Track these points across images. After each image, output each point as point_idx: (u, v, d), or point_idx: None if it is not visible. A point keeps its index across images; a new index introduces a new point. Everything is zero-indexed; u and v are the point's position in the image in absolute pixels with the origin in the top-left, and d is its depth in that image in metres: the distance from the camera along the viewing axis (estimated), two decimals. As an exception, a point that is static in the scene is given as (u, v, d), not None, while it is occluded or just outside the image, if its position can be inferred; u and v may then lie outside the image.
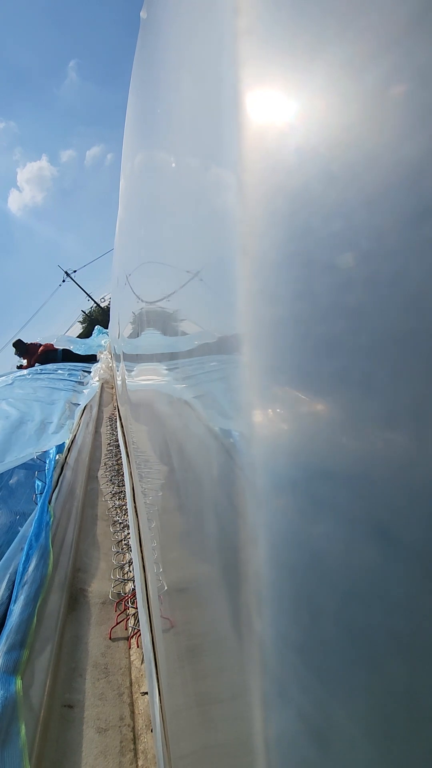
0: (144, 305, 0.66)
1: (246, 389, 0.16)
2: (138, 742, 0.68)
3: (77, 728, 0.69)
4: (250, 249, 0.16)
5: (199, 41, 0.25)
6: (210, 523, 0.25)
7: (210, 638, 0.27)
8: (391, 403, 0.11)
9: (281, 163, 0.15)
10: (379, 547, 0.12)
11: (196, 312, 0.29)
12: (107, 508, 1.51)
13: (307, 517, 0.14)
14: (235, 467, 0.19)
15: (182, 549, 0.38)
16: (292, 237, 0.14)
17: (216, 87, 0.20)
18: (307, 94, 0.14)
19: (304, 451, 0.14)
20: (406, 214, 0.11)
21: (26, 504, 1.24)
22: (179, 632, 0.40)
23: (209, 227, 0.23)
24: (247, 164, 0.16)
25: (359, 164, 0.12)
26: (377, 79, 0.11)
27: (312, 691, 0.13)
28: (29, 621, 0.76)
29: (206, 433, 0.26)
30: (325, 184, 0.13)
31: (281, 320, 0.15)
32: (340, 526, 0.13)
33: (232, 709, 0.21)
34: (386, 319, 0.11)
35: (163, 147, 0.43)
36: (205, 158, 0.24)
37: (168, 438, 0.45)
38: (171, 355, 0.42)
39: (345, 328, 0.12)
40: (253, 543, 0.16)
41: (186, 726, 0.36)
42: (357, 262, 0.12)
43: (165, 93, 0.42)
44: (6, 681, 0.64)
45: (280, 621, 0.15)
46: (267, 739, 0.15)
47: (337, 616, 0.13)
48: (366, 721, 0.12)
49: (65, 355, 5.39)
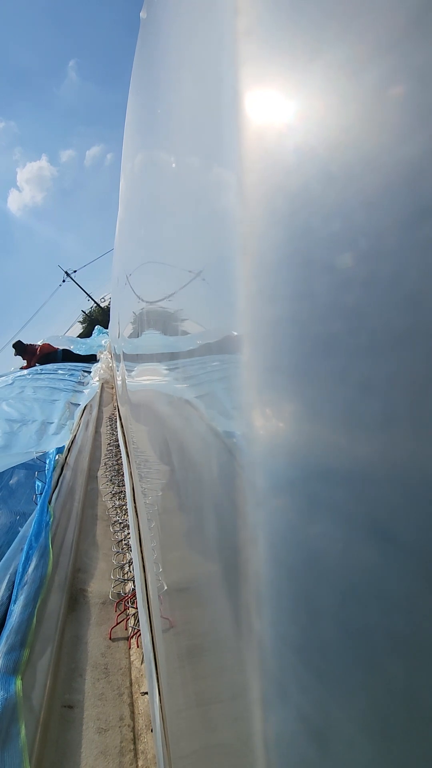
0: (144, 305, 0.66)
1: (246, 389, 0.16)
2: (138, 742, 0.68)
3: (77, 728, 0.69)
4: (250, 249, 0.16)
5: (199, 42, 0.25)
6: (210, 523, 0.25)
7: (210, 638, 0.27)
8: (390, 403, 0.11)
9: (281, 163, 0.15)
10: (378, 547, 0.12)
11: (196, 312, 0.29)
12: (107, 508, 1.51)
13: (307, 517, 0.14)
14: (234, 467, 0.19)
15: (182, 549, 0.38)
16: (292, 237, 0.14)
17: (216, 87, 0.21)
18: (306, 94, 0.14)
19: (303, 450, 0.14)
20: (406, 214, 0.11)
21: (26, 504, 1.24)
22: (179, 632, 0.40)
23: (209, 227, 0.23)
24: (247, 164, 0.17)
25: (359, 164, 0.12)
26: (377, 79, 0.11)
27: (311, 691, 0.13)
28: (29, 621, 0.76)
29: (206, 433, 0.26)
30: (325, 184, 0.13)
31: (281, 320, 0.15)
32: (340, 526, 0.13)
33: (232, 709, 0.21)
34: (386, 319, 0.11)
35: (164, 147, 0.43)
36: (205, 158, 0.24)
37: (168, 438, 0.45)
38: (171, 355, 0.42)
39: (345, 328, 0.12)
40: (253, 543, 0.16)
41: (186, 726, 0.36)
42: (357, 262, 0.12)
43: (165, 93, 0.42)
44: (6, 681, 0.64)
45: (280, 621, 0.15)
46: (267, 739, 0.15)
47: (337, 615, 0.13)
48: (365, 720, 0.12)
49: (65, 355, 5.41)
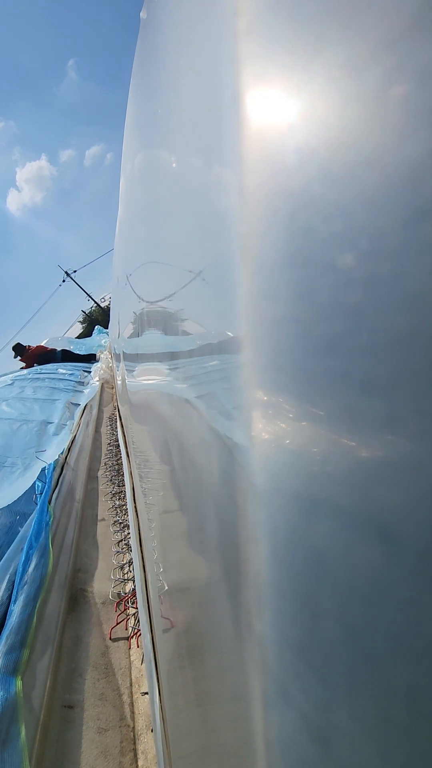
0: (145, 305, 0.66)
1: (246, 389, 0.16)
2: (138, 742, 0.68)
3: (77, 728, 0.69)
4: (250, 249, 0.16)
5: (199, 42, 0.25)
6: (210, 523, 0.25)
7: (210, 638, 0.27)
8: (391, 402, 0.11)
9: (281, 163, 0.15)
10: (379, 547, 0.12)
11: (196, 312, 0.29)
12: (107, 508, 1.51)
13: (308, 517, 0.14)
14: (235, 467, 0.19)
15: (182, 549, 0.38)
16: (293, 237, 0.14)
17: (216, 87, 0.21)
18: (307, 94, 0.14)
19: (304, 451, 0.14)
20: (406, 214, 0.11)
21: (26, 504, 1.24)
22: (179, 632, 0.40)
23: (209, 227, 0.23)
24: (248, 164, 0.17)
25: (359, 164, 0.12)
26: (377, 79, 0.11)
27: (312, 691, 0.13)
28: (29, 621, 0.76)
29: (206, 433, 0.26)
30: (326, 184, 0.13)
31: (281, 320, 0.15)
32: (341, 526, 0.13)
33: (233, 709, 0.21)
34: (387, 319, 0.11)
35: (164, 147, 0.43)
36: (205, 158, 0.24)
37: (168, 438, 0.45)
38: (171, 355, 0.42)
39: (345, 328, 0.12)
40: (254, 543, 0.16)
41: (186, 726, 0.36)
42: (357, 262, 0.12)
43: (165, 93, 0.42)
44: (6, 681, 0.64)
45: (280, 621, 0.15)
46: (267, 739, 0.15)
47: (338, 616, 0.13)
48: (366, 720, 0.12)
49: (65, 355, 5.43)
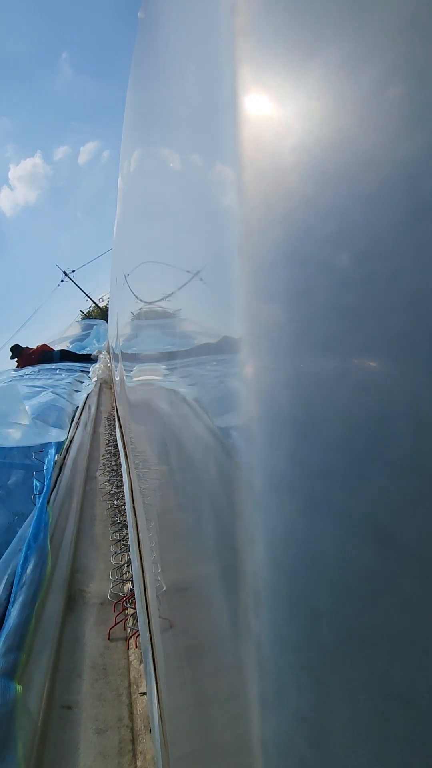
0: (143, 305, 0.66)
1: (244, 389, 0.16)
2: (137, 742, 0.68)
3: (76, 729, 0.69)
4: (248, 248, 0.16)
5: (197, 41, 0.25)
6: (208, 523, 0.25)
7: (208, 638, 0.27)
8: (388, 402, 0.11)
9: (279, 162, 0.15)
10: (377, 548, 0.12)
11: (194, 311, 0.29)
12: (106, 509, 1.50)
13: (305, 517, 0.14)
14: (233, 467, 0.19)
15: (181, 549, 0.38)
16: (290, 236, 0.14)
17: (214, 86, 0.20)
18: (304, 93, 0.14)
19: (302, 450, 0.14)
20: (403, 213, 0.11)
21: (25, 504, 1.24)
22: (178, 632, 0.40)
23: (207, 226, 0.23)
24: (245, 163, 0.16)
25: (357, 164, 0.12)
26: (374, 78, 0.11)
27: (309, 691, 0.13)
28: (28, 622, 0.76)
29: (204, 433, 0.26)
30: (323, 184, 0.13)
31: (279, 319, 0.15)
32: (338, 526, 0.13)
33: (231, 709, 0.21)
34: (384, 318, 0.11)
35: (162, 146, 0.43)
36: (203, 157, 0.24)
37: (166, 438, 0.45)
38: (169, 355, 0.42)
39: (343, 327, 0.12)
40: (252, 543, 0.16)
41: (185, 726, 0.36)
42: (355, 261, 0.12)
43: (163, 92, 0.42)
44: (5, 682, 0.64)
45: (278, 621, 0.15)
46: (265, 739, 0.15)
47: (335, 616, 0.13)
48: (363, 721, 0.12)
49: (63, 355, 5.42)
